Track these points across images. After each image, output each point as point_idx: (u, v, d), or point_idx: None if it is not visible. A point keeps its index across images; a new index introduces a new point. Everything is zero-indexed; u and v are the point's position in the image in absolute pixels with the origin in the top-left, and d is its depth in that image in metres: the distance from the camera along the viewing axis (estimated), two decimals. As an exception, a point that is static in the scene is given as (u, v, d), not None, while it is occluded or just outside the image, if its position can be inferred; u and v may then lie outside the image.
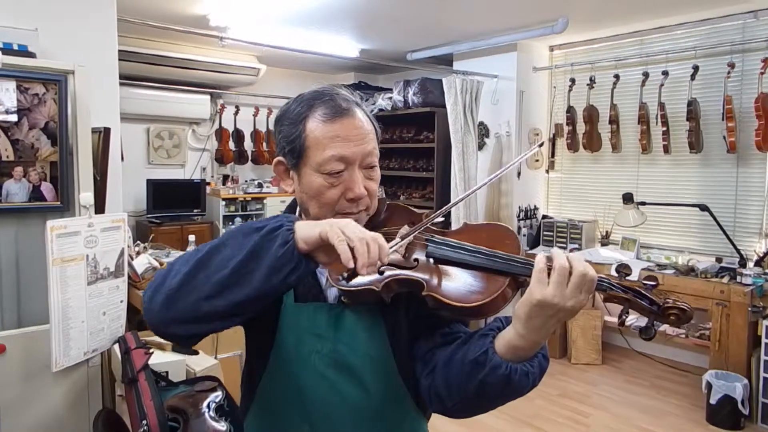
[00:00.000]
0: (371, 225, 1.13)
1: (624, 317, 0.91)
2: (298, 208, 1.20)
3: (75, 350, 2.09)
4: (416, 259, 1.03)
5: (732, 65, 4.11)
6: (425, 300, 0.99)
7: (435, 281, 0.99)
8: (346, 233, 0.86)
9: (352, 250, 0.85)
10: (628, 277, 0.92)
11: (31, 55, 2.36)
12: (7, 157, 2.07)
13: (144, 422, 1.74)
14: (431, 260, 1.02)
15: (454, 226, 1.15)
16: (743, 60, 4.20)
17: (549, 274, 0.88)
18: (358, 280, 1.03)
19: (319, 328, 1.08)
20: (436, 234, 1.06)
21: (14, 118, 2.05)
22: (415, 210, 1.17)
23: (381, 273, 1.04)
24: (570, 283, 0.86)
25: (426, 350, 1.08)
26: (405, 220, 1.13)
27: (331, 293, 1.12)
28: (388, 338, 1.09)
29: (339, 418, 1.08)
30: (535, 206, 5.45)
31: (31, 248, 2.19)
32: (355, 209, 1.08)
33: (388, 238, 1.10)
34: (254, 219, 6.40)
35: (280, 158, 1.12)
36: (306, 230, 0.89)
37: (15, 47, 2.36)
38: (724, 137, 4.16)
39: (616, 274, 0.94)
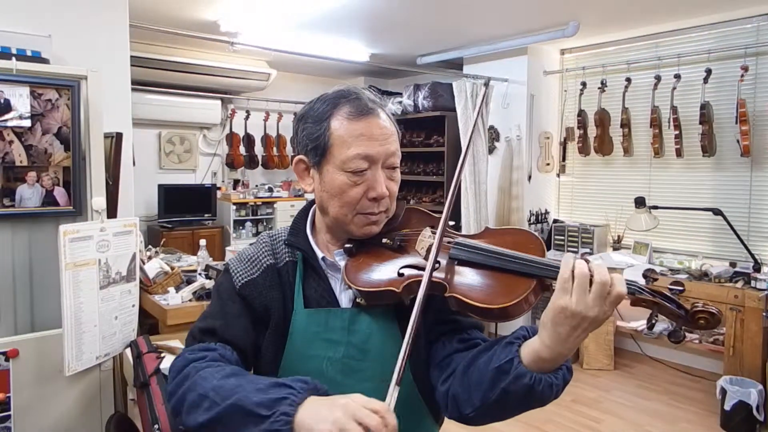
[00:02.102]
0: (389, 227, 1.13)
1: (654, 321, 0.90)
2: (311, 212, 1.20)
3: (87, 354, 2.10)
4: (438, 261, 1.01)
5: (746, 68, 4.08)
6: (447, 302, 0.98)
7: (458, 283, 0.98)
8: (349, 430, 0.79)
9: None
10: (655, 282, 0.91)
11: (45, 61, 2.38)
12: (21, 162, 2.08)
13: (156, 426, 1.75)
14: (454, 262, 1.02)
15: (463, 232, 1.14)
16: (757, 63, 4.16)
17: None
18: (377, 281, 1.03)
19: (332, 333, 1.08)
20: (458, 237, 1.05)
21: (28, 123, 2.06)
22: (434, 214, 1.16)
23: (401, 275, 1.03)
24: (591, 291, 0.84)
25: (443, 356, 1.07)
26: (423, 224, 1.12)
27: (345, 298, 1.11)
28: None
29: None
30: (546, 210, 5.43)
31: (44, 253, 2.20)
32: (376, 209, 1.08)
33: (410, 238, 1.10)
34: (264, 223, 6.44)
35: (302, 157, 1.12)
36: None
37: (28, 53, 2.38)
38: (738, 141, 4.12)
39: (643, 279, 0.92)
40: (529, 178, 5.33)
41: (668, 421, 3.72)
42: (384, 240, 1.11)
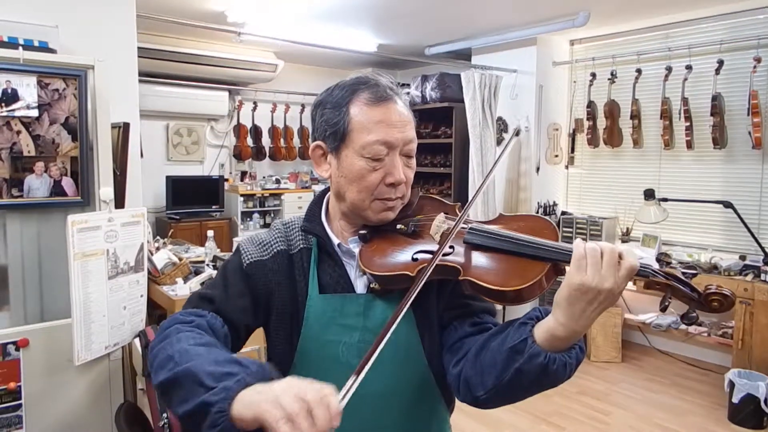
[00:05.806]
0: (403, 214, 1.14)
1: (667, 303, 0.90)
2: (326, 199, 1.20)
3: (97, 344, 2.11)
4: (452, 246, 1.02)
5: (758, 59, 4.03)
6: (461, 286, 0.98)
7: (472, 266, 0.98)
8: (286, 408, 0.75)
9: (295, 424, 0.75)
10: (668, 266, 0.91)
11: (52, 52, 2.37)
12: (29, 152, 2.08)
13: (164, 415, 1.75)
14: (469, 247, 1.02)
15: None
16: (769, 53, 4.11)
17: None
18: (391, 265, 1.03)
19: (348, 318, 1.08)
20: (473, 223, 1.06)
21: (35, 113, 2.06)
22: (447, 202, 1.16)
23: (415, 260, 1.03)
24: (603, 261, 0.86)
25: (455, 339, 1.08)
26: (437, 211, 1.13)
27: (360, 284, 1.12)
28: (417, 328, 1.09)
29: (366, 410, 1.07)
30: (554, 202, 5.40)
31: (53, 243, 2.20)
32: (393, 195, 1.09)
33: (425, 224, 1.10)
34: (272, 215, 6.45)
35: (319, 143, 1.12)
36: (241, 409, 0.80)
37: (36, 43, 2.38)
38: (750, 133, 4.08)
39: (656, 263, 0.92)
40: (538, 169, 5.31)
41: (676, 414, 3.70)
42: (399, 226, 1.12)
